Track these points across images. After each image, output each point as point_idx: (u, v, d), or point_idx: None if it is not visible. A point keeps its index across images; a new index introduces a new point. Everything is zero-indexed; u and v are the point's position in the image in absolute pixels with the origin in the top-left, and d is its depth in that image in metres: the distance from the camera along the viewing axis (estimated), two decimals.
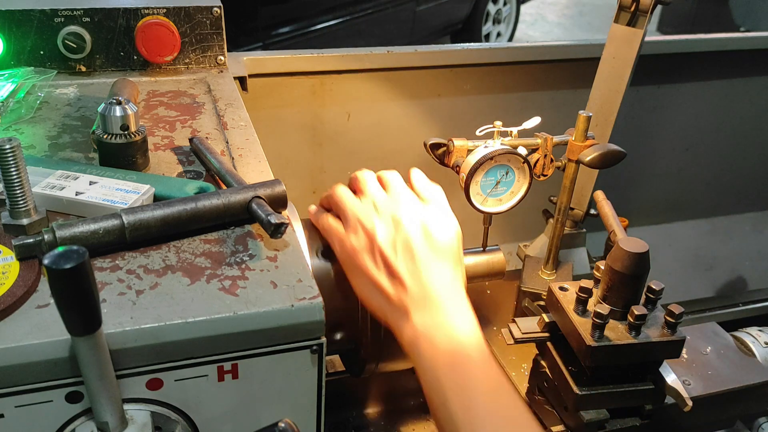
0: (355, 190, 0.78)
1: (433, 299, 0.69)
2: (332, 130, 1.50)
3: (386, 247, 0.71)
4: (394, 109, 1.53)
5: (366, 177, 0.78)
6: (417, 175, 0.80)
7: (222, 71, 1.07)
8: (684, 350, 0.90)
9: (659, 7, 1.08)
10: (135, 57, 1.04)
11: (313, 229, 0.79)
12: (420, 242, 0.72)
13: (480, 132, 0.90)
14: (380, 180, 0.79)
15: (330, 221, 0.77)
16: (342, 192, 0.77)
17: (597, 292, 0.83)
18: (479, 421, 0.63)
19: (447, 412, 0.65)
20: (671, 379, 0.84)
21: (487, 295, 1.13)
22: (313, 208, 0.82)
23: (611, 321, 0.80)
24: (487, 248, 0.91)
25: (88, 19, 1.01)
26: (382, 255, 0.71)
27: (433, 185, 0.79)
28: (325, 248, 0.78)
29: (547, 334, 0.89)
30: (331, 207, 0.79)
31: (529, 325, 0.90)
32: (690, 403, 0.82)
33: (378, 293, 0.71)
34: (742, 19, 5.74)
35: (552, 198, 1.13)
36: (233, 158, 0.80)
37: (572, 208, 1.22)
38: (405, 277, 0.70)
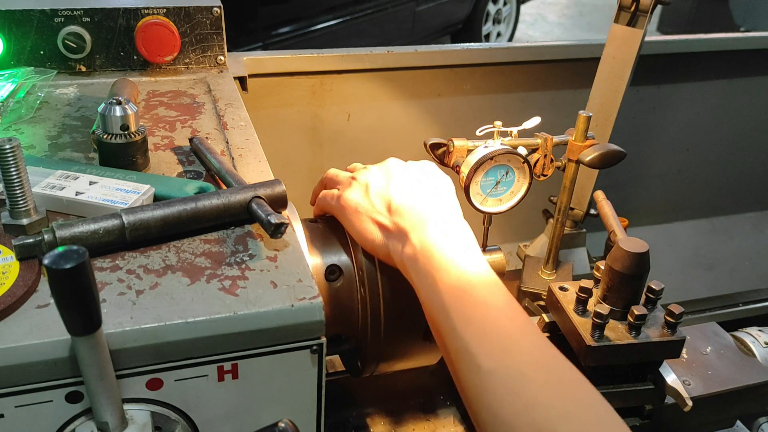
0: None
1: (431, 219, 0.71)
2: (332, 130, 1.50)
3: (382, 190, 0.74)
4: (394, 109, 1.53)
5: (351, 166, 0.84)
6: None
7: (222, 71, 1.07)
8: (684, 350, 0.90)
9: (659, 7, 1.09)
10: (135, 57, 1.04)
11: (317, 239, 0.80)
12: (415, 185, 0.74)
13: (480, 132, 0.90)
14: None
15: (325, 191, 0.81)
16: (334, 170, 0.83)
17: (597, 292, 0.83)
18: (471, 311, 0.64)
19: (444, 315, 0.65)
20: (671, 379, 0.84)
21: None
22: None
23: (611, 321, 0.80)
24: (487, 248, 0.91)
25: (88, 19, 1.01)
26: (379, 196, 0.74)
27: (425, 161, 0.82)
28: (330, 267, 0.78)
29: (547, 334, 0.89)
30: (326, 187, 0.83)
31: None
32: (690, 403, 0.82)
33: (376, 227, 0.73)
34: (742, 19, 5.74)
35: (552, 198, 1.13)
36: (233, 158, 0.80)
37: (572, 208, 1.22)
38: (402, 207, 0.72)
